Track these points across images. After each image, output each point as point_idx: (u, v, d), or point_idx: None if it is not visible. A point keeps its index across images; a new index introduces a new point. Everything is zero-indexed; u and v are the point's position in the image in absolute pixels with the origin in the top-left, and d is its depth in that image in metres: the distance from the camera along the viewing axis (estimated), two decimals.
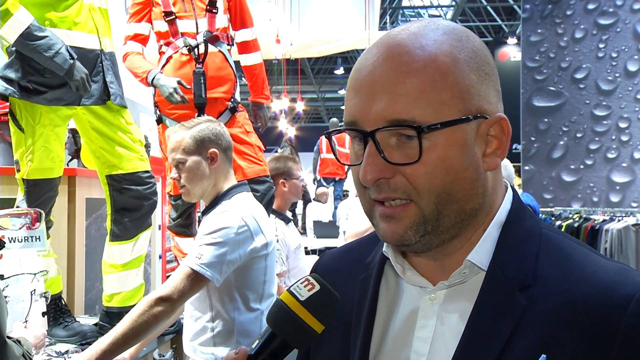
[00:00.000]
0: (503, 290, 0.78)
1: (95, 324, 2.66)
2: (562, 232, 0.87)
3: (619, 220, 5.74)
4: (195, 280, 1.98)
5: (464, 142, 0.76)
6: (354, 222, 5.70)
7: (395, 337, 0.85)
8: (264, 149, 3.33)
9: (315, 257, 4.63)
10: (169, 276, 2.14)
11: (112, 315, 2.56)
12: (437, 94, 0.75)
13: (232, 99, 3.20)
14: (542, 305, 0.76)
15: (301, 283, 0.80)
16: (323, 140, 9.59)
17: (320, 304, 0.79)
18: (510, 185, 0.88)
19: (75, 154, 3.38)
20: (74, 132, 3.27)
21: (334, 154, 0.91)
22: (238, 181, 2.30)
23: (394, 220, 0.78)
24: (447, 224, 0.78)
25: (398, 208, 0.78)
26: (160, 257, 4.39)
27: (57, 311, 2.57)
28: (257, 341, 0.80)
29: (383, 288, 0.89)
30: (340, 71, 20.01)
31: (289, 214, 3.83)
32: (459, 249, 0.82)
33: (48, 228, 2.49)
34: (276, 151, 11.49)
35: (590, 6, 7.29)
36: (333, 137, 0.88)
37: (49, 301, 2.18)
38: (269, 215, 2.85)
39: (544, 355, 0.73)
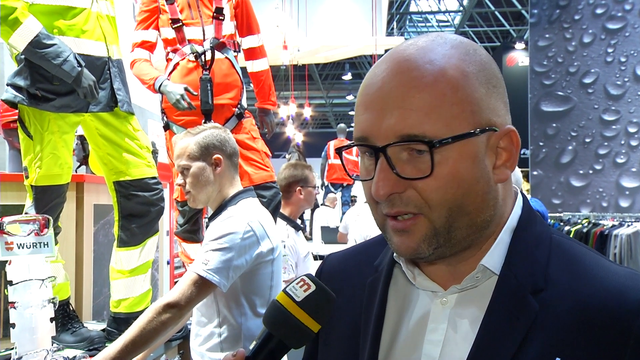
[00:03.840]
0: (516, 294, 0.79)
1: (103, 330, 2.67)
2: (571, 238, 0.87)
3: (628, 226, 5.70)
4: (202, 286, 1.98)
5: (475, 155, 0.77)
6: (361, 227, 5.69)
7: (406, 340, 0.85)
8: (271, 155, 3.34)
9: None
10: (176, 282, 2.15)
11: (120, 321, 2.57)
12: (447, 108, 0.75)
13: (238, 105, 3.22)
14: (554, 309, 0.77)
15: (297, 283, 0.81)
16: (331, 145, 9.60)
17: (316, 304, 0.79)
18: (520, 191, 0.89)
19: (84, 160, 3.40)
20: (82, 139, 3.29)
21: (345, 170, 0.91)
22: (244, 187, 2.31)
23: (407, 234, 0.79)
24: (459, 236, 0.79)
25: (409, 222, 0.78)
26: (168, 263, 4.41)
27: (65, 317, 2.58)
28: (255, 342, 0.81)
29: (392, 291, 0.90)
30: (348, 77, 20.05)
31: (298, 222, 3.83)
32: (470, 257, 0.83)
33: (56, 234, 2.50)
34: (284, 157, 11.51)
35: (599, 11, 7.26)
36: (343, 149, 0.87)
37: (57, 307, 2.19)
38: (275, 222, 2.85)
39: (558, 359, 0.74)
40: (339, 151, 0.86)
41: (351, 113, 24.76)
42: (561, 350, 0.74)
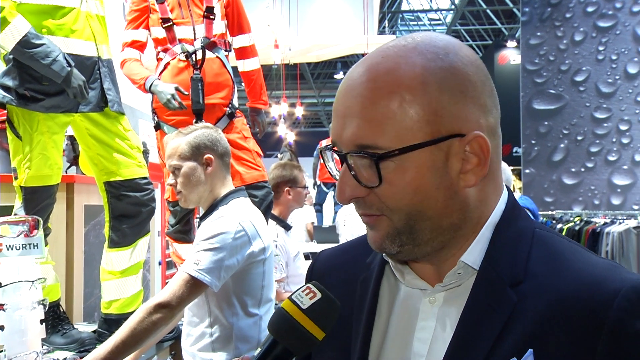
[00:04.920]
0: (494, 286, 0.80)
1: (94, 331, 2.66)
2: (555, 232, 0.88)
3: (620, 223, 5.72)
4: (194, 286, 1.98)
5: (432, 164, 0.77)
6: (352, 227, 5.69)
7: (396, 338, 0.86)
8: (263, 154, 3.33)
9: None
10: (168, 282, 2.14)
11: (111, 322, 2.56)
12: (400, 120, 0.76)
13: (230, 105, 3.21)
14: (532, 300, 0.77)
15: (302, 291, 0.81)
16: (323, 145, 9.57)
17: (322, 312, 0.80)
18: (506, 186, 0.89)
19: (74, 160, 3.39)
20: (72, 139, 3.27)
21: (327, 169, 0.91)
22: (236, 187, 2.30)
23: (374, 230, 0.82)
24: (424, 238, 0.80)
25: (373, 218, 0.81)
26: (159, 263, 4.39)
27: (56, 318, 2.57)
28: (259, 349, 0.81)
29: (384, 289, 0.90)
30: (340, 76, 20.04)
31: (289, 221, 3.83)
32: (451, 256, 0.83)
33: (46, 235, 2.49)
34: (276, 156, 11.49)
35: (590, 9, 7.27)
36: (328, 151, 0.88)
37: (47, 308, 2.17)
38: (267, 221, 2.85)
39: (530, 350, 0.74)
40: (321, 151, 0.87)
41: None
42: (537, 340, 0.75)
